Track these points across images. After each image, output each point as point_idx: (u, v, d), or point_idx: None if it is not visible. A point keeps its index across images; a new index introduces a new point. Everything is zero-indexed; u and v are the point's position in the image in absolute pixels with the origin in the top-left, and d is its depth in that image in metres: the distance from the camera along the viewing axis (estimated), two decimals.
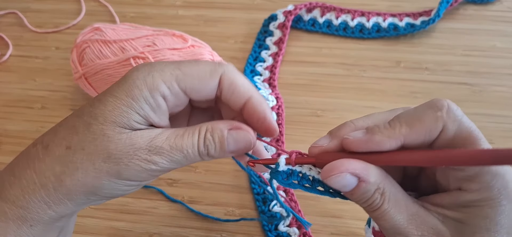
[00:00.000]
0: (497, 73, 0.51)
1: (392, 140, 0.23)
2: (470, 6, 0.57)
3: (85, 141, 0.25)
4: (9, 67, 0.56)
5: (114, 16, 0.60)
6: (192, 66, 0.27)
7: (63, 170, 0.25)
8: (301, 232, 0.41)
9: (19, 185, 0.25)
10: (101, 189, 0.25)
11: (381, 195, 0.24)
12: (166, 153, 0.25)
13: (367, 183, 0.23)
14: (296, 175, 0.27)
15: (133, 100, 0.25)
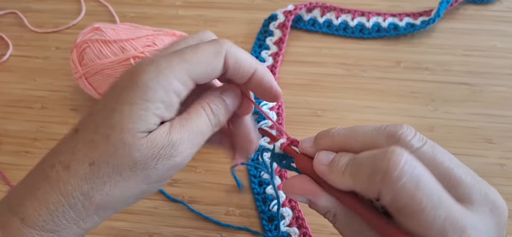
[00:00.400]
0: (497, 73, 0.51)
1: (342, 185, 0.25)
2: (470, 6, 0.57)
3: (107, 154, 0.24)
4: (9, 67, 0.56)
5: (114, 16, 0.60)
6: (196, 53, 0.26)
7: (91, 187, 0.25)
8: (301, 232, 0.41)
9: (47, 210, 0.24)
10: (131, 195, 0.26)
11: (333, 216, 0.26)
12: (186, 140, 0.26)
13: (316, 205, 0.26)
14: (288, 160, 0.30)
15: (149, 102, 0.25)
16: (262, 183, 0.44)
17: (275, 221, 0.41)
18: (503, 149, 0.45)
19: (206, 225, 0.42)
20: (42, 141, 0.49)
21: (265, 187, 0.44)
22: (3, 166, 0.47)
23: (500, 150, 0.45)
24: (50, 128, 0.50)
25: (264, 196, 0.43)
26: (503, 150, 0.45)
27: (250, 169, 0.45)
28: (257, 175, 0.44)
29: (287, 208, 0.42)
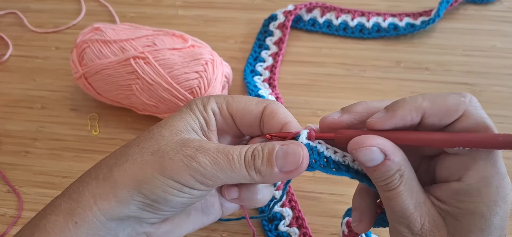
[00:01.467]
0: (497, 73, 0.51)
1: (413, 111, 0.24)
2: (470, 6, 0.57)
3: (142, 140, 0.27)
4: (9, 67, 0.56)
5: (114, 16, 0.60)
6: (244, 97, 0.29)
7: (115, 161, 0.26)
8: (301, 232, 0.41)
9: (79, 180, 0.27)
10: (144, 183, 0.25)
11: (400, 177, 0.24)
12: (211, 154, 0.25)
13: (392, 162, 0.24)
14: (316, 153, 0.26)
15: (191, 111, 0.28)
16: None
17: (275, 221, 0.41)
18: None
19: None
20: (42, 141, 0.49)
21: None
22: (3, 166, 0.47)
23: None
24: (50, 128, 0.50)
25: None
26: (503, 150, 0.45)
27: None
28: None
29: (287, 208, 0.42)
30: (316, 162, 0.26)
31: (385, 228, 0.39)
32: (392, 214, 0.25)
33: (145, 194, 0.25)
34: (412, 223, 0.24)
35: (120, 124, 0.49)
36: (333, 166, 0.27)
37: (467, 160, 0.24)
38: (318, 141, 0.27)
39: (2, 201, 0.45)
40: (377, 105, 0.26)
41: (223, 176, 0.26)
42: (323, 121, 0.27)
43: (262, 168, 0.25)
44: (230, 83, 0.48)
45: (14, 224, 0.43)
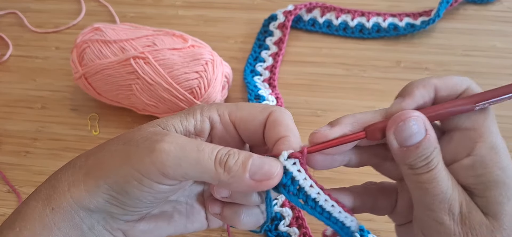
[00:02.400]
0: (497, 73, 0.51)
1: (428, 87, 0.25)
2: (470, 6, 0.57)
3: (125, 133, 0.27)
4: (9, 67, 0.56)
5: (114, 16, 0.60)
6: (250, 105, 0.28)
7: (94, 151, 0.26)
8: (301, 232, 0.41)
9: (61, 168, 0.27)
10: (110, 173, 0.24)
11: (437, 155, 0.23)
12: (178, 141, 0.24)
13: (432, 137, 0.23)
14: (289, 179, 0.25)
15: (186, 114, 0.27)
16: None
17: (275, 221, 0.41)
18: None
19: None
20: (42, 141, 0.49)
21: None
22: (3, 166, 0.47)
23: None
24: (50, 128, 0.50)
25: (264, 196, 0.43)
26: None
27: None
28: None
29: (287, 208, 0.42)
30: (286, 188, 0.25)
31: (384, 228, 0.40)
32: (430, 200, 0.23)
33: (110, 185, 0.25)
34: (452, 204, 0.23)
35: (120, 124, 0.49)
36: (302, 197, 0.25)
37: (471, 135, 0.24)
38: (298, 169, 0.25)
39: (2, 201, 0.45)
40: (363, 116, 0.26)
41: (186, 166, 0.24)
42: (314, 135, 0.26)
43: (234, 168, 0.24)
44: (230, 83, 0.48)
45: None
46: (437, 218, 0.23)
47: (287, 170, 0.25)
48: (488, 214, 0.23)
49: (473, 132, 0.24)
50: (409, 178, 0.24)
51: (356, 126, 0.25)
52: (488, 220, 0.23)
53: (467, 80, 0.25)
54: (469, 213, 0.23)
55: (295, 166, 0.25)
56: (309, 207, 0.25)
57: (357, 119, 0.26)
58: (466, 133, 0.24)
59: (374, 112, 0.26)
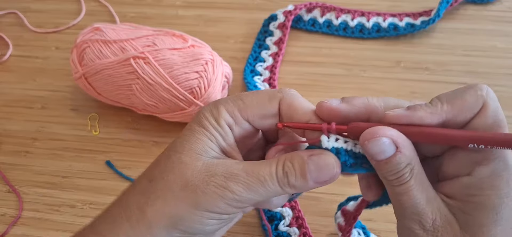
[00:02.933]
0: (497, 73, 0.51)
1: (435, 116, 0.24)
2: (470, 6, 0.57)
3: (165, 171, 0.26)
4: (9, 67, 0.56)
5: (114, 16, 0.60)
6: (253, 95, 0.28)
7: (146, 200, 0.25)
8: (301, 232, 0.41)
9: (109, 220, 0.26)
10: (181, 220, 0.25)
11: (411, 171, 0.24)
12: (242, 179, 0.25)
13: (403, 155, 0.23)
14: (344, 154, 0.25)
15: (204, 129, 0.27)
16: None
17: (275, 221, 0.41)
18: None
19: None
20: (42, 141, 0.49)
21: None
22: (3, 166, 0.47)
23: None
24: (50, 128, 0.50)
25: None
26: None
27: None
28: None
29: (287, 208, 0.42)
30: (346, 163, 0.25)
31: (384, 228, 0.40)
32: (402, 210, 0.25)
33: (182, 229, 0.25)
34: (423, 218, 0.24)
35: (120, 124, 0.49)
36: (362, 161, 0.25)
37: (477, 155, 0.24)
38: (345, 141, 0.25)
39: (2, 201, 0.45)
40: (377, 103, 0.26)
41: (258, 197, 0.26)
42: (321, 105, 0.26)
43: (297, 183, 0.25)
44: (230, 83, 0.48)
45: (14, 224, 0.43)
46: (408, 226, 0.24)
47: (338, 149, 0.25)
48: (466, 231, 0.23)
49: (478, 154, 0.24)
50: (385, 185, 0.25)
51: (363, 111, 0.25)
52: (463, 236, 0.23)
53: (482, 98, 0.23)
54: (443, 227, 0.24)
55: (340, 141, 0.25)
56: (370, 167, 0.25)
57: (369, 104, 0.26)
58: (472, 152, 0.24)
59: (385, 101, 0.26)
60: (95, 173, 0.46)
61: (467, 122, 0.24)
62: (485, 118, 0.24)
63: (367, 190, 0.27)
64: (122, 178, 0.45)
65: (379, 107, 0.25)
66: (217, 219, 0.26)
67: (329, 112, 0.26)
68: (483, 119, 0.24)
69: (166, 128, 0.49)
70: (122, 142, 0.48)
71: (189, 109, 0.44)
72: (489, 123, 0.23)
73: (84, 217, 0.43)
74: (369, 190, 0.27)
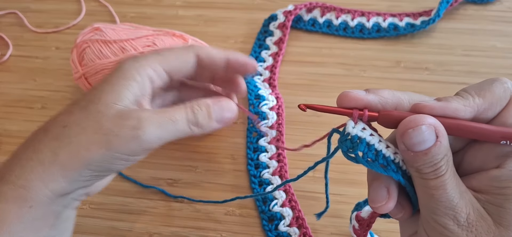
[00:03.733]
0: (497, 73, 0.51)
1: (468, 108, 0.23)
2: (470, 6, 0.57)
3: (80, 118, 0.28)
4: (9, 67, 0.56)
5: (114, 16, 0.60)
6: (171, 51, 0.32)
7: (58, 144, 0.27)
8: (301, 232, 0.41)
9: (19, 165, 0.27)
10: (93, 161, 0.27)
11: (447, 163, 0.23)
12: (155, 120, 0.28)
13: (442, 145, 0.22)
14: (365, 145, 0.24)
15: (125, 80, 0.29)
16: (262, 183, 0.44)
17: (275, 221, 0.41)
18: None
19: (206, 225, 0.42)
20: None
21: (265, 187, 0.44)
22: None
23: None
24: None
25: (264, 196, 0.43)
26: None
27: (250, 169, 0.45)
28: (257, 175, 0.44)
29: (287, 208, 0.42)
30: (364, 156, 0.23)
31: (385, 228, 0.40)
32: (435, 206, 0.23)
33: (93, 169, 0.27)
34: (458, 213, 0.23)
35: None
36: (382, 161, 0.24)
37: (506, 148, 0.23)
38: (370, 134, 0.24)
39: None
40: (402, 96, 0.25)
41: (166, 138, 0.28)
42: (345, 95, 0.25)
43: (204, 121, 0.30)
44: None
45: None
46: (442, 222, 0.23)
47: (361, 138, 0.24)
48: (500, 224, 0.23)
49: (506, 148, 0.23)
50: (415, 180, 0.24)
51: (391, 103, 0.24)
52: (498, 230, 0.23)
53: (509, 90, 0.23)
54: (477, 221, 0.23)
55: (366, 131, 0.24)
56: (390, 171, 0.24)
57: (395, 95, 0.25)
58: (499, 146, 0.23)
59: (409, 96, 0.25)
60: None
61: (496, 115, 0.24)
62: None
63: (397, 211, 0.26)
64: (122, 178, 0.45)
65: (405, 100, 0.25)
66: (126, 160, 0.28)
67: (357, 102, 0.24)
68: (506, 116, 0.23)
69: None
70: None
71: None
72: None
73: (84, 217, 0.43)
74: (401, 210, 0.26)
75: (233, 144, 0.47)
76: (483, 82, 0.24)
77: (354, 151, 0.23)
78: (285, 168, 0.45)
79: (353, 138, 0.24)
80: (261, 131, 0.44)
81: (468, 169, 0.25)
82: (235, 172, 0.45)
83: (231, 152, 0.47)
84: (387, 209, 0.25)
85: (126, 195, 0.44)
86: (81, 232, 0.42)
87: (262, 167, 0.45)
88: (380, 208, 0.25)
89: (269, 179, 0.44)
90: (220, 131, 0.48)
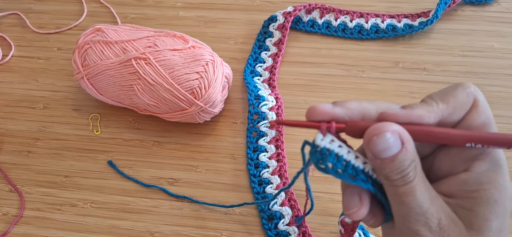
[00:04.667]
0: (494, 74, 0.51)
1: (432, 114, 0.23)
2: (468, 7, 0.58)
3: None
4: (12, 67, 0.57)
5: (115, 17, 0.61)
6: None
7: None
8: (300, 231, 0.41)
9: None
10: None
11: (414, 169, 0.23)
12: None
13: (408, 151, 0.22)
14: (334, 157, 0.24)
15: None
16: (262, 182, 0.44)
17: (275, 220, 0.42)
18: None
19: (206, 224, 0.42)
20: (44, 141, 0.49)
21: (265, 186, 0.44)
22: (6, 166, 0.48)
23: None
24: (52, 128, 0.50)
25: (264, 195, 0.44)
26: None
27: (250, 169, 0.45)
28: (256, 175, 0.45)
29: (287, 207, 0.42)
30: (334, 167, 0.24)
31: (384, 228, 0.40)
32: (406, 213, 0.23)
33: None
34: (429, 219, 0.23)
35: (122, 123, 0.50)
36: (351, 171, 0.24)
37: (473, 151, 0.23)
38: (339, 145, 0.24)
39: (4, 200, 0.45)
40: (368, 106, 0.25)
41: None
42: (313, 109, 0.25)
43: None
44: (230, 83, 0.49)
45: (16, 223, 0.44)
46: (414, 229, 0.23)
47: (330, 150, 0.24)
48: (471, 228, 0.23)
49: (472, 150, 0.23)
50: (386, 188, 0.24)
51: (357, 114, 0.25)
52: (469, 234, 0.23)
53: (472, 95, 0.23)
54: (448, 227, 0.23)
55: (334, 143, 0.24)
56: (359, 180, 0.24)
57: (362, 106, 0.25)
58: (466, 149, 0.24)
59: (376, 105, 0.25)
60: (96, 173, 0.47)
61: (460, 119, 0.24)
62: (477, 115, 0.23)
63: (369, 218, 0.26)
64: (124, 178, 0.46)
65: (371, 109, 0.25)
66: None
67: (324, 115, 0.25)
68: (475, 116, 0.23)
69: (167, 128, 0.49)
70: (124, 142, 0.49)
71: (190, 109, 0.44)
72: (482, 119, 0.23)
73: (86, 216, 0.44)
74: (373, 217, 0.26)
75: (233, 143, 0.48)
76: (446, 88, 0.24)
77: (323, 162, 0.24)
78: (285, 167, 0.45)
79: (322, 150, 0.24)
80: None
81: (437, 175, 0.25)
82: (235, 171, 0.46)
83: (231, 152, 0.47)
84: (360, 216, 0.25)
85: (127, 194, 0.45)
86: (83, 231, 0.43)
87: (261, 166, 0.45)
88: (353, 214, 0.25)
89: (269, 179, 0.44)
90: (220, 131, 0.49)
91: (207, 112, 0.45)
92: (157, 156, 0.47)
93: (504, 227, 0.23)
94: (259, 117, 0.48)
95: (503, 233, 0.23)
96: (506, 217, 0.23)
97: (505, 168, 0.23)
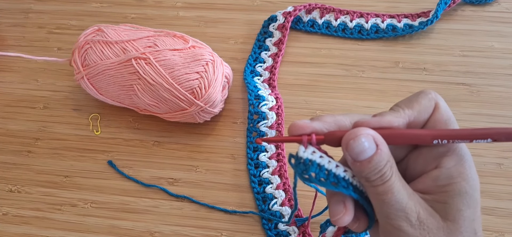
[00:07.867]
0: (494, 74, 0.51)
1: (400, 118, 0.26)
2: (468, 7, 0.58)
3: None
4: (11, 67, 0.57)
5: (115, 17, 0.61)
6: None
7: None
8: (300, 231, 0.41)
9: None
10: None
11: (390, 168, 0.25)
12: None
13: (383, 152, 0.25)
14: (316, 167, 0.25)
15: None
16: (262, 182, 0.44)
17: (274, 220, 0.42)
18: (501, 149, 0.45)
19: (206, 224, 0.43)
20: (44, 141, 0.49)
21: (265, 186, 0.44)
22: (5, 166, 0.48)
23: (497, 149, 0.45)
24: (52, 128, 0.50)
25: (264, 195, 0.44)
26: (500, 149, 0.45)
27: (250, 169, 0.45)
28: (256, 175, 0.45)
29: (287, 207, 0.42)
30: (316, 176, 0.25)
31: None
32: (387, 210, 0.25)
33: None
34: (409, 213, 0.25)
35: (122, 123, 0.50)
36: (333, 179, 0.26)
37: (441, 149, 0.26)
38: (320, 156, 0.26)
39: (5, 200, 0.45)
40: (343, 118, 0.27)
41: None
42: (294, 124, 0.27)
43: None
44: (230, 83, 0.49)
45: (17, 223, 0.44)
46: (396, 225, 0.25)
47: (312, 161, 0.25)
48: (447, 219, 0.25)
49: (440, 148, 0.26)
50: (368, 190, 0.26)
51: (333, 126, 0.27)
52: (446, 224, 0.25)
53: (434, 100, 0.26)
54: (427, 219, 0.25)
55: (315, 154, 0.26)
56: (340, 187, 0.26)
57: (336, 119, 0.27)
58: (436, 148, 0.26)
59: (350, 116, 0.27)
60: (96, 173, 0.47)
61: (426, 122, 0.26)
62: (440, 116, 0.26)
63: (353, 222, 0.28)
64: (124, 177, 0.46)
65: (346, 121, 0.27)
66: None
67: (304, 129, 0.27)
68: (438, 117, 0.26)
69: (167, 128, 0.49)
70: (124, 142, 0.49)
71: (190, 109, 0.44)
72: (444, 119, 0.26)
73: (86, 216, 0.44)
74: (356, 221, 0.28)
75: (233, 143, 0.48)
76: (411, 96, 0.27)
77: (307, 172, 0.25)
78: (285, 167, 0.45)
79: (305, 161, 0.25)
80: None
81: (413, 175, 0.27)
82: (235, 171, 0.46)
83: (231, 152, 0.47)
84: (346, 221, 0.27)
85: (127, 194, 0.45)
86: (83, 231, 0.43)
87: (262, 166, 0.45)
88: (338, 220, 0.27)
89: (269, 179, 0.44)
90: (220, 130, 0.49)
91: (207, 112, 0.45)
92: (157, 156, 0.47)
93: (476, 216, 0.25)
94: (259, 117, 0.48)
95: (476, 222, 0.25)
96: (477, 206, 0.26)
97: (470, 160, 0.26)
